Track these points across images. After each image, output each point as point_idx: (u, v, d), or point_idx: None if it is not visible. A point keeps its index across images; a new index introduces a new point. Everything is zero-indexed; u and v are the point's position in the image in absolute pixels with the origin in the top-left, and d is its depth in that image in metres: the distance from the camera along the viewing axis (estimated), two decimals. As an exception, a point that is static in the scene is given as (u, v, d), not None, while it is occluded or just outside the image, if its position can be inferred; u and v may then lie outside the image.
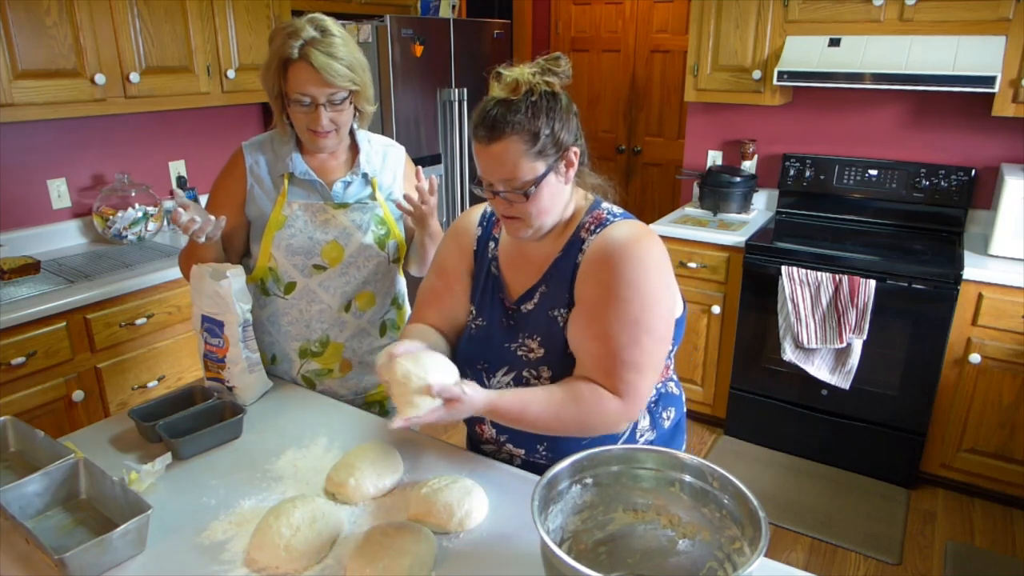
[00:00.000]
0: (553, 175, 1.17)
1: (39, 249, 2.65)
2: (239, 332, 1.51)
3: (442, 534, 1.14)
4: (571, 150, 1.18)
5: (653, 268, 1.17)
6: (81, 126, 2.75)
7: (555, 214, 1.22)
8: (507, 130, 1.12)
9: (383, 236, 1.67)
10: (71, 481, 1.20)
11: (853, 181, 3.18)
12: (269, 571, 1.05)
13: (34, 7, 2.24)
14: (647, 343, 1.16)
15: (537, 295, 1.27)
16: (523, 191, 1.16)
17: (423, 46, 3.23)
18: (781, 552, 2.53)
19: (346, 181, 1.64)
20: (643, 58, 4.87)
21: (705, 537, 1.01)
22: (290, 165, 1.61)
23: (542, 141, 1.14)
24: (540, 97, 1.14)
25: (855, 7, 2.80)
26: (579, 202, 1.28)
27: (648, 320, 1.16)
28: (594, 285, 1.19)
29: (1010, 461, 2.65)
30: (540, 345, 1.25)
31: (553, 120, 1.14)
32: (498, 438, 1.34)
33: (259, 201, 1.62)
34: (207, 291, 1.50)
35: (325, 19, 1.50)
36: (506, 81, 1.15)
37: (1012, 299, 2.51)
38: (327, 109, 1.50)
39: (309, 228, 1.61)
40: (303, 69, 1.46)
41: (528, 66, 1.16)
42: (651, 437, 1.33)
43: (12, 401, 2.10)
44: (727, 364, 3.14)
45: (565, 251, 1.25)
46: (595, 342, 1.18)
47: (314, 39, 1.45)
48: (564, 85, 1.18)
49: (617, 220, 1.24)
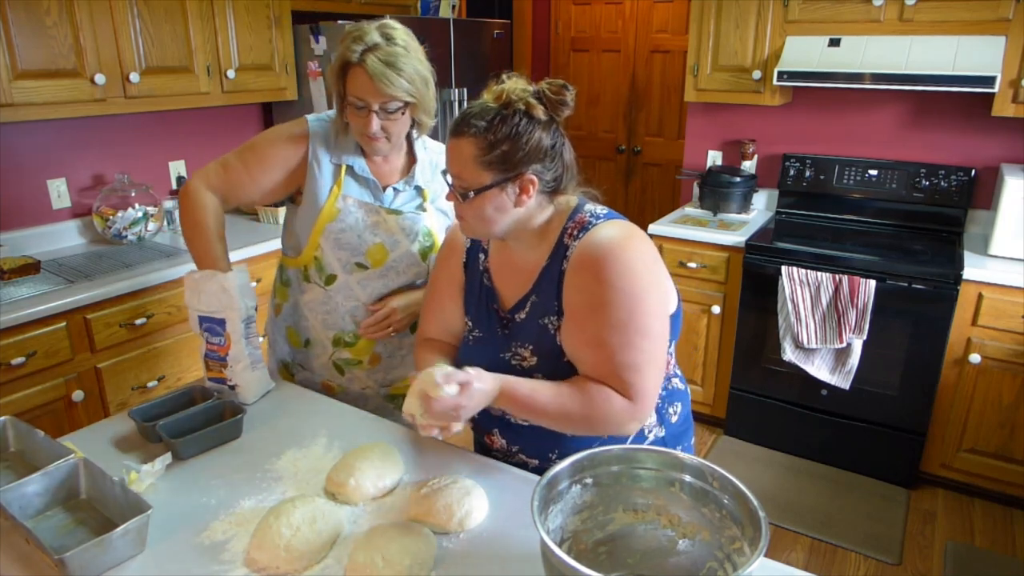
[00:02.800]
0: (499, 190, 1.17)
1: (39, 249, 2.65)
2: (242, 328, 1.52)
3: (442, 534, 1.14)
4: (526, 176, 1.16)
5: (637, 268, 1.17)
6: (81, 126, 2.75)
7: (501, 225, 1.21)
8: (468, 130, 1.15)
9: (427, 248, 1.67)
10: (71, 481, 1.20)
11: (853, 181, 3.18)
12: (269, 571, 1.05)
13: (34, 7, 2.24)
14: (641, 343, 1.16)
15: (528, 304, 1.27)
16: (463, 192, 1.18)
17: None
18: (781, 552, 2.53)
19: (397, 188, 1.65)
20: (643, 58, 4.87)
21: (705, 537, 1.01)
22: (350, 159, 1.61)
23: (495, 153, 1.14)
24: (513, 114, 1.14)
25: (855, 7, 2.80)
26: (559, 207, 1.26)
27: (638, 320, 1.16)
28: (580, 292, 1.19)
29: (1010, 461, 2.65)
30: (532, 353, 1.26)
31: (516, 138, 1.14)
32: (509, 448, 1.34)
33: (314, 185, 1.61)
34: (207, 289, 1.51)
35: (395, 27, 1.50)
36: (494, 89, 1.18)
37: (1012, 299, 2.51)
38: (380, 116, 1.50)
39: (359, 226, 1.61)
40: (360, 74, 1.46)
41: (525, 82, 1.18)
42: (660, 434, 1.33)
43: (12, 401, 2.10)
44: (727, 364, 3.14)
45: (551, 258, 1.25)
46: (589, 349, 1.19)
47: (376, 46, 1.45)
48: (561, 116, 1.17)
49: (599, 222, 1.22)
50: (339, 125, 1.60)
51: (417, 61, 1.51)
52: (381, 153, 1.61)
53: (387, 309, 1.62)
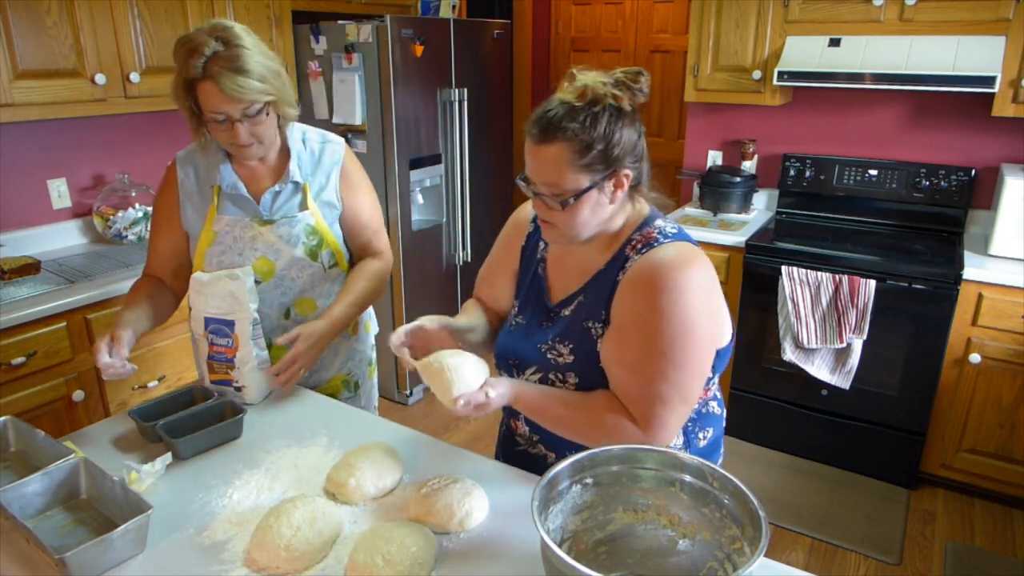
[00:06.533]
0: (596, 191, 1.13)
1: (39, 249, 2.65)
2: (251, 330, 1.53)
3: (442, 534, 1.14)
4: (623, 171, 1.14)
5: (691, 297, 1.12)
6: (81, 126, 2.75)
7: (593, 227, 1.18)
8: (559, 135, 1.09)
9: (315, 247, 1.63)
10: (71, 481, 1.20)
11: (853, 181, 3.18)
12: (269, 571, 1.05)
13: (34, 7, 2.24)
14: (674, 375, 1.12)
15: (575, 303, 1.25)
16: (561, 200, 1.13)
17: (423, 46, 3.23)
18: (781, 552, 2.53)
19: (275, 191, 1.59)
20: (643, 58, 4.87)
21: (705, 537, 1.01)
22: (218, 177, 1.58)
23: (592, 154, 1.10)
24: (604, 109, 1.10)
25: (855, 7, 2.80)
26: (631, 216, 1.22)
27: (678, 352, 1.12)
28: (628, 309, 1.16)
29: (1010, 461, 2.65)
30: (571, 352, 1.23)
31: (610, 136, 1.10)
32: (531, 436, 1.34)
33: (190, 216, 1.61)
34: (216, 292, 1.51)
35: (229, 27, 1.41)
36: (575, 85, 1.12)
37: (1012, 299, 2.51)
38: (245, 124, 1.44)
39: (238, 245, 1.59)
40: (210, 88, 1.38)
41: (603, 74, 1.13)
42: None
43: (12, 401, 2.10)
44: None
45: (609, 265, 1.22)
46: (623, 369, 1.16)
47: (217, 54, 1.36)
48: (639, 103, 1.14)
49: (666, 242, 1.17)
50: (202, 143, 1.55)
51: (263, 56, 1.43)
52: (256, 157, 1.55)
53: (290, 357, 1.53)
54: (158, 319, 1.59)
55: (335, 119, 3.26)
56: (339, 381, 1.78)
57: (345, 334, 1.77)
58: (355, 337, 1.80)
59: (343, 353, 1.78)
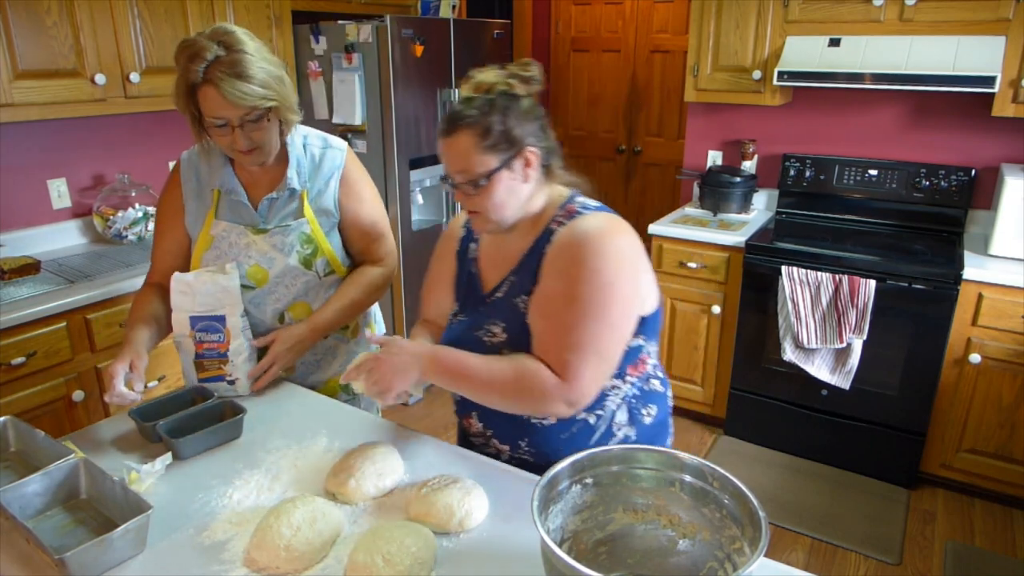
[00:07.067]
0: (507, 171, 1.21)
1: (39, 249, 2.65)
2: (241, 322, 1.54)
3: (442, 534, 1.14)
4: (528, 149, 1.22)
5: (614, 259, 1.19)
6: (81, 126, 2.75)
7: (514, 208, 1.25)
8: (461, 123, 1.19)
9: (309, 255, 1.62)
10: (71, 481, 1.20)
11: (853, 181, 3.18)
12: (269, 571, 1.05)
13: (34, 7, 2.24)
14: (593, 326, 1.17)
15: (506, 284, 1.31)
16: (474, 183, 1.21)
17: (423, 46, 3.23)
18: (781, 552, 2.53)
19: (271, 198, 1.59)
20: (643, 58, 4.87)
21: (705, 537, 1.01)
22: (220, 181, 1.58)
23: (493, 136, 1.19)
24: (497, 96, 1.20)
25: (855, 7, 2.80)
26: (552, 196, 1.30)
27: (598, 304, 1.17)
28: (553, 272, 1.23)
29: (1010, 461, 2.65)
30: (503, 331, 1.28)
31: (506, 117, 1.19)
32: (485, 431, 1.37)
33: (190, 219, 1.62)
34: (204, 290, 1.52)
35: (231, 31, 1.41)
36: (472, 82, 1.23)
37: (1012, 299, 2.51)
38: (245, 130, 1.43)
39: (233, 251, 1.59)
40: (210, 93, 1.37)
41: (496, 69, 1.23)
42: (630, 433, 1.33)
43: (12, 401, 2.10)
44: (727, 364, 3.14)
45: (535, 243, 1.28)
46: (543, 321, 1.23)
47: (219, 59, 1.36)
48: (534, 91, 1.23)
49: (589, 212, 1.26)
50: (205, 147, 1.55)
51: (265, 61, 1.42)
52: (257, 163, 1.54)
53: (267, 359, 1.55)
54: (165, 334, 1.60)
55: (335, 119, 3.26)
56: (335, 383, 1.78)
57: (343, 336, 1.77)
58: (354, 340, 1.80)
59: (341, 355, 1.78)
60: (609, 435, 1.31)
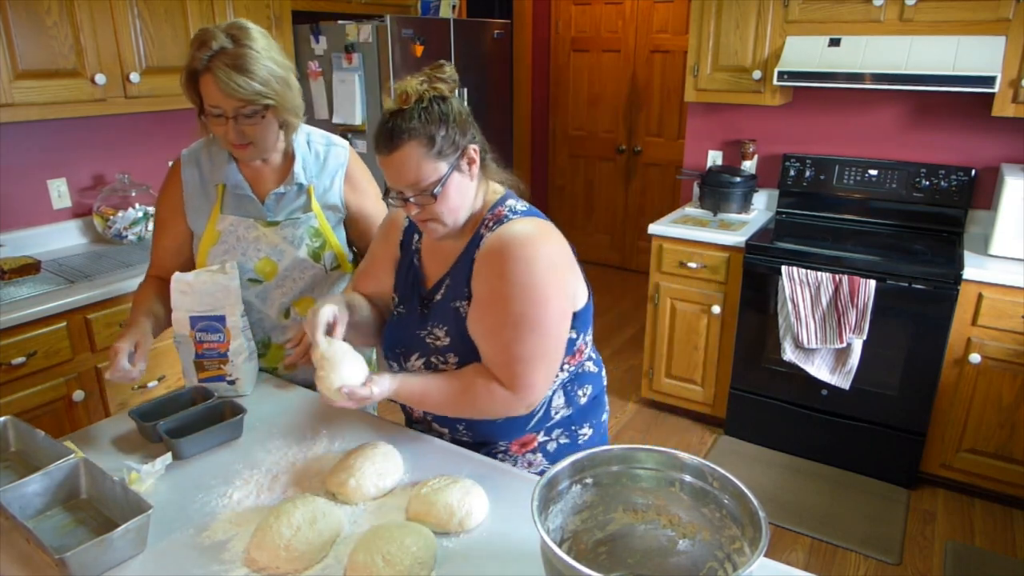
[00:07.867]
0: (457, 173, 1.22)
1: (39, 249, 2.65)
2: (241, 322, 1.54)
3: (442, 534, 1.14)
4: (470, 147, 1.23)
5: (538, 266, 1.21)
6: (81, 126, 2.75)
7: (467, 208, 1.27)
8: (404, 137, 1.18)
9: (318, 248, 1.64)
10: (71, 481, 1.20)
11: (853, 181, 3.18)
12: (269, 571, 1.05)
13: (34, 7, 2.24)
14: (532, 339, 1.22)
15: (444, 287, 1.33)
16: (430, 192, 1.20)
17: (423, 46, 3.23)
18: (781, 552, 2.53)
19: (279, 192, 1.60)
20: (643, 58, 4.87)
21: (705, 537, 1.01)
22: (224, 176, 1.59)
23: (439, 143, 1.19)
24: (430, 103, 1.20)
25: (855, 7, 2.80)
26: (487, 196, 1.32)
27: (533, 316, 1.21)
28: (483, 282, 1.25)
29: (1010, 461, 2.65)
30: (446, 334, 1.31)
31: (446, 122, 1.20)
32: (425, 417, 1.42)
33: (193, 215, 1.62)
34: (204, 289, 1.52)
35: (245, 27, 1.43)
36: (396, 93, 1.21)
37: (1012, 299, 2.51)
38: (238, 122, 1.44)
39: (241, 245, 1.60)
40: (209, 81, 1.40)
41: (415, 77, 1.23)
42: (567, 412, 1.40)
43: (12, 401, 2.10)
44: (727, 364, 3.14)
45: (467, 246, 1.30)
46: (485, 339, 1.26)
47: (223, 50, 1.39)
48: (454, 89, 1.24)
49: (514, 217, 1.27)
50: (208, 140, 1.57)
51: (271, 61, 1.44)
52: (251, 159, 1.56)
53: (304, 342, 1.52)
54: (166, 324, 1.60)
55: (335, 119, 3.27)
56: None
57: None
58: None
59: None
60: (547, 418, 1.38)
